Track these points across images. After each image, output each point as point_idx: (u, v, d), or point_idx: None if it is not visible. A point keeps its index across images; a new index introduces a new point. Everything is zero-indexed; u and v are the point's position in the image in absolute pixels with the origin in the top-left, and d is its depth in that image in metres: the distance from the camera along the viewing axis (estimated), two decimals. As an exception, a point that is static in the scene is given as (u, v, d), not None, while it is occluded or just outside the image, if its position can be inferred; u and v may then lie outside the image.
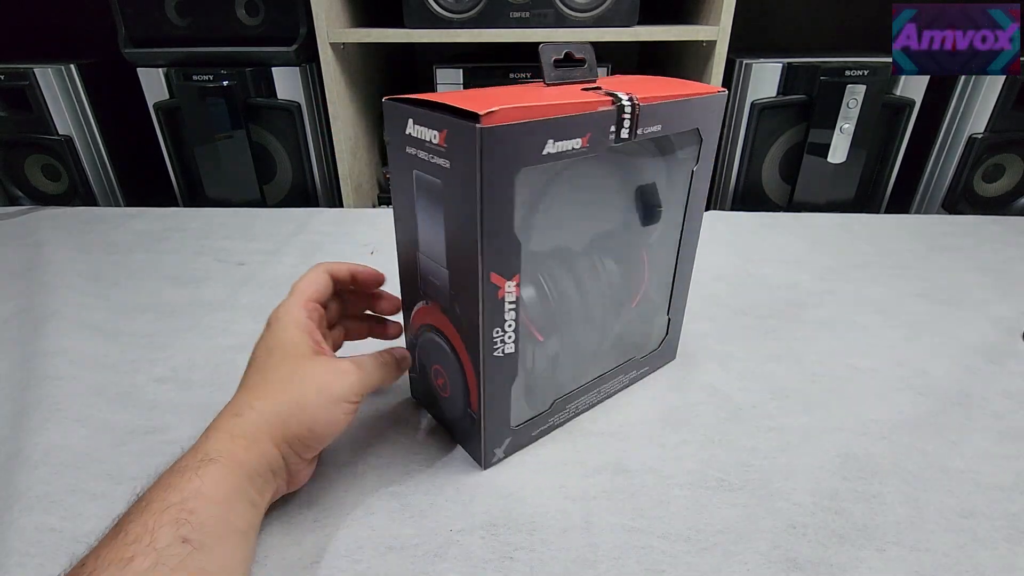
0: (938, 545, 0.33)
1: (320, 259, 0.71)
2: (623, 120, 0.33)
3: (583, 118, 0.31)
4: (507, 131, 0.28)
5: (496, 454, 0.38)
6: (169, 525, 0.26)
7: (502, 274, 0.32)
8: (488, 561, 0.32)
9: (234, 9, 1.06)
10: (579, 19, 0.98)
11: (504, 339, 0.34)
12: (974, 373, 0.48)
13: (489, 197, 0.29)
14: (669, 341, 0.48)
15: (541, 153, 0.30)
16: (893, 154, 1.08)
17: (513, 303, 0.33)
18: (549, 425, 0.41)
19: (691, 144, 0.40)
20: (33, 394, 0.45)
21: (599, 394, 0.44)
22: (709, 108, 0.38)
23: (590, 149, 0.32)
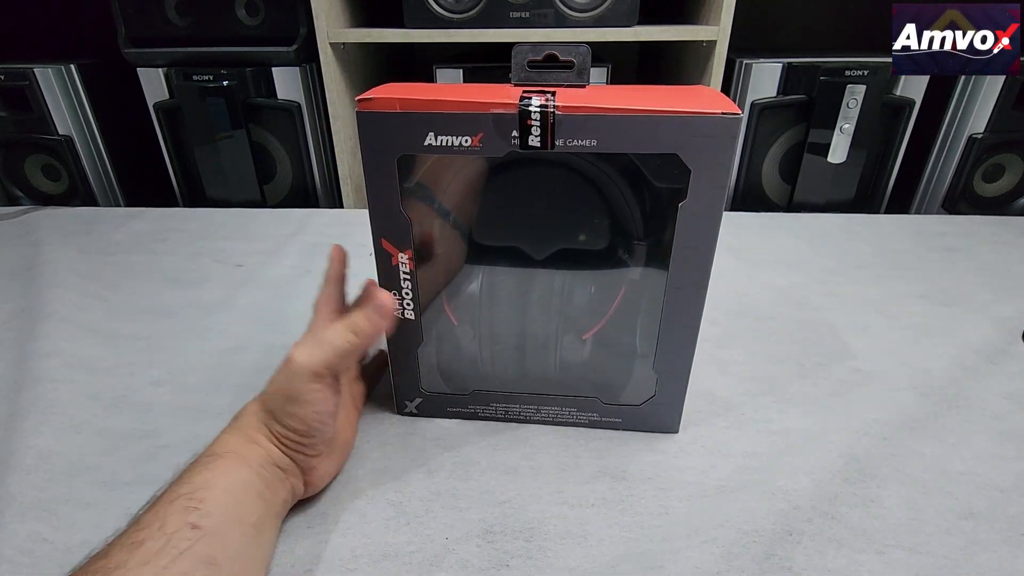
0: (938, 547, 0.33)
1: (320, 260, 0.71)
2: (530, 127, 0.31)
3: (470, 117, 0.31)
4: (381, 118, 0.32)
5: (407, 406, 0.43)
6: (178, 512, 0.27)
7: (393, 244, 0.36)
8: (484, 570, 0.32)
9: (234, 9, 1.05)
10: (579, 19, 0.98)
11: (403, 304, 0.38)
12: (974, 374, 0.48)
13: (371, 173, 0.34)
14: (658, 404, 0.40)
15: (423, 144, 0.32)
16: (893, 154, 1.08)
17: (408, 274, 0.37)
18: (471, 412, 0.43)
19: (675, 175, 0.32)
20: (27, 397, 0.45)
21: (541, 413, 0.42)
22: (698, 131, 0.30)
23: (485, 150, 0.32)
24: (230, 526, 0.28)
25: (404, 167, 0.34)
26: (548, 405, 0.42)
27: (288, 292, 0.63)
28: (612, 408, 0.41)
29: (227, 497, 0.29)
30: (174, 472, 0.31)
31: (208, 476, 0.29)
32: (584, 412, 0.42)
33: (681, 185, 0.32)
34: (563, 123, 0.31)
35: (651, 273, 0.37)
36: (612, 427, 0.42)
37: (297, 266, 0.70)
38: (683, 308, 0.36)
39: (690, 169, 0.32)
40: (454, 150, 0.32)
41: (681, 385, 0.40)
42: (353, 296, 0.40)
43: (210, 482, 0.29)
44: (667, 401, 0.40)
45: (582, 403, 0.41)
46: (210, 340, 0.54)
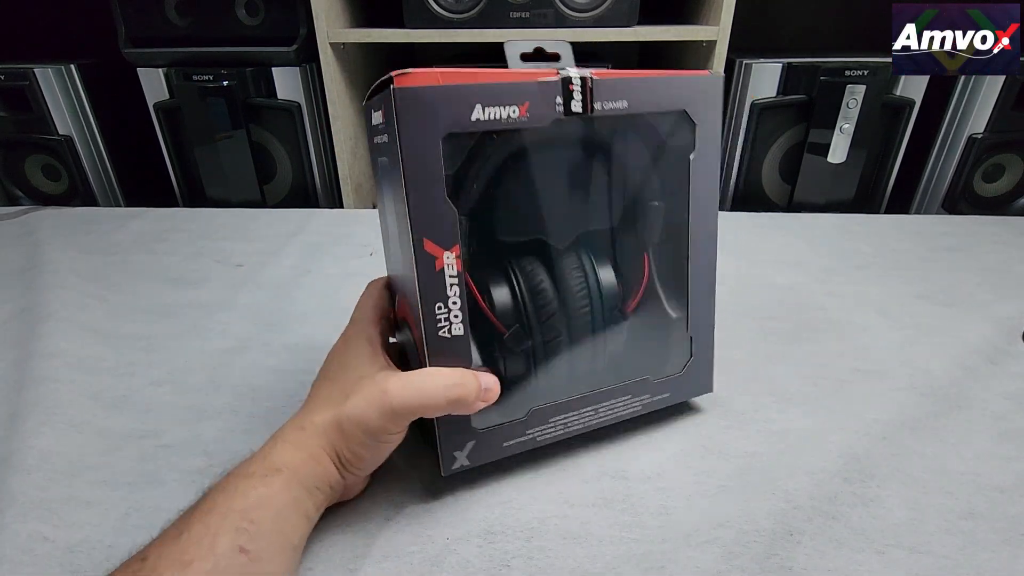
0: (938, 547, 0.33)
1: (320, 260, 0.71)
2: (572, 91, 0.32)
3: (518, 86, 0.30)
4: (423, 92, 0.28)
5: (456, 459, 0.35)
6: (229, 532, 0.26)
7: (438, 243, 0.30)
8: (485, 570, 0.32)
9: (234, 9, 1.05)
10: (579, 19, 0.98)
11: (449, 317, 0.32)
12: (975, 374, 0.48)
13: (411, 158, 0.29)
14: (696, 365, 0.41)
15: (470, 119, 0.30)
16: (893, 154, 1.08)
17: (455, 277, 0.31)
18: (529, 438, 0.37)
19: (685, 131, 0.37)
20: (28, 397, 0.45)
21: (598, 414, 0.39)
22: (697, 89, 0.36)
23: (532, 119, 0.31)
24: (276, 552, 0.28)
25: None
26: (604, 401, 0.39)
27: (288, 292, 0.63)
28: (660, 384, 0.40)
29: (279, 521, 0.28)
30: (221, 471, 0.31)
31: (264, 493, 0.28)
32: (638, 397, 0.40)
33: (690, 141, 0.36)
34: (598, 86, 0.32)
35: (668, 234, 0.40)
36: (662, 404, 0.41)
37: (297, 266, 0.70)
38: (702, 262, 0.39)
39: (695, 123, 0.36)
40: (502, 123, 0.30)
41: (710, 340, 0.41)
42: (354, 298, 0.39)
43: (265, 501, 0.28)
44: (702, 360, 0.42)
45: (634, 387, 0.39)
46: (210, 340, 0.54)
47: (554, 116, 0.32)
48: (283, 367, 0.50)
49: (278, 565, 0.28)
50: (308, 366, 0.49)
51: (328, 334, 0.38)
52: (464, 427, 0.34)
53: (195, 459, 0.40)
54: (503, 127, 0.31)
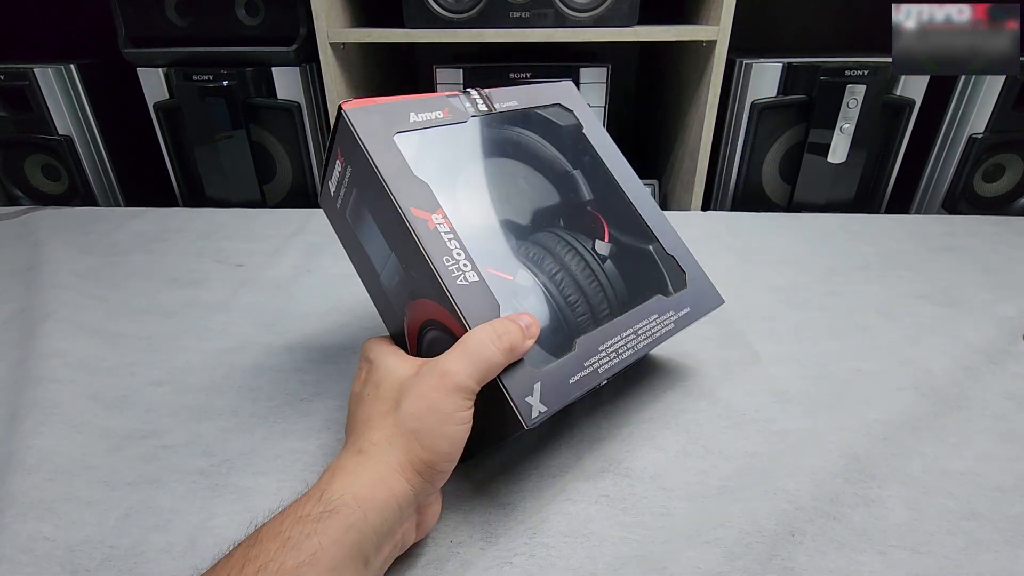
0: (939, 548, 0.33)
1: (320, 260, 0.71)
2: (474, 100, 0.43)
3: (435, 99, 0.41)
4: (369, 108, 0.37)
5: (532, 405, 0.33)
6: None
7: (423, 208, 0.35)
8: (487, 568, 0.32)
9: (234, 9, 1.05)
10: (579, 19, 0.98)
11: (460, 267, 0.35)
12: (975, 374, 0.48)
13: (376, 151, 0.36)
14: (694, 281, 0.45)
15: (409, 121, 0.39)
16: (893, 154, 1.08)
17: (450, 233, 0.35)
18: (590, 370, 0.36)
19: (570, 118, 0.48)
20: (28, 397, 0.45)
21: (639, 337, 0.39)
22: (557, 91, 0.48)
23: (453, 118, 0.41)
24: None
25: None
26: (638, 323, 0.40)
27: (288, 292, 0.63)
28: (677, 301, 0.43)
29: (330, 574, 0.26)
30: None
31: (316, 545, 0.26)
32: (664, 314, 0.42)
33: (576, 121, 0.48)
34: (493, 94, 0.44)
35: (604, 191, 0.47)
36: (689, 320, 0.43)
37: (297, 266, 0.70)
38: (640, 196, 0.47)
39: (571, 109, 0.48)
40: (432, 121, 0.40)
41: (693, 260, 0.47)
42: (354, 298, 0.39)
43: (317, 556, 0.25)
44: (697, 276, 0.46)
45: (656, 306, 0.42)
46: (210, 340, 0.54)
47: (467, 114, 0.42)
48: (283, 367, 0.50)
49: None
50: (308, 366, 0.49)
51: (328, 334, 0.38)
52: (525, 372, 0.33)
53: (195, 459, 0.40)
54: (434, 124, 0.40)
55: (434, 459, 0.30)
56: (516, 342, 0.32)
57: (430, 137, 0.40)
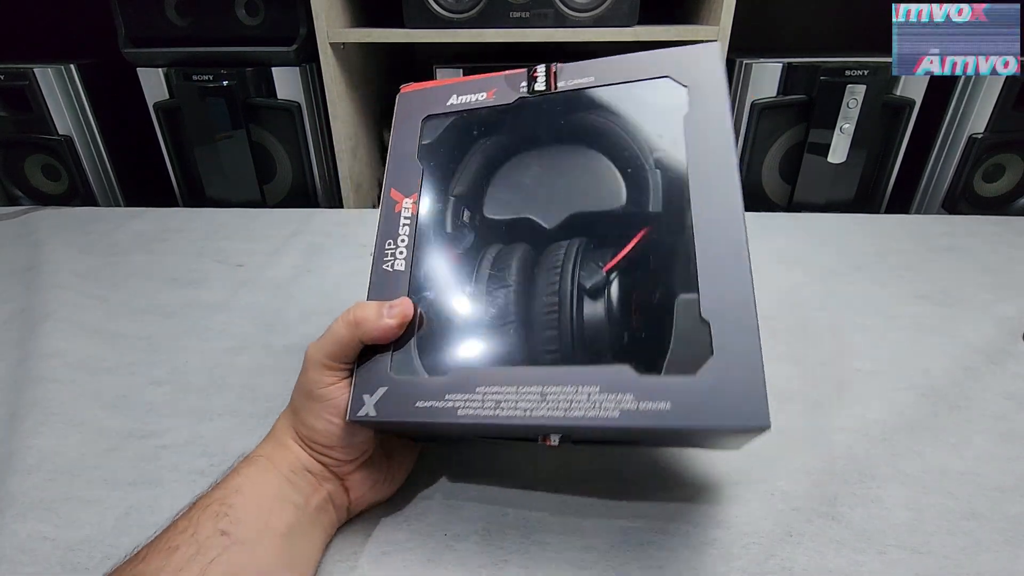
0: (939, 548, 0.33)
1: (320, 260, 0.71)
2: (535, 77, 0.37)
3: (488, 79, 0.38)
4: (415, 92, 0.39)
5: (364, 403, 0.31)
6: (210, 518, 0.27)
7: (400, 191, 0.36)
8: (483, 566, 0.32)
9: (234, 9, 1.05)
10: (579, 19, 0.98)
11: (395, 253, 0.35)
12: (975, 374, 0.48)
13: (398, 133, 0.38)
14: (723, 371, 0.27)
15: (445, 104, 0.38)
16: (893, 154, 1.08)
17: (408, 219, 0.36)
18: (447, 405, 0.30)
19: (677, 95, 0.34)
20: (28, 397, 0.45)
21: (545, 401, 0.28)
22: (682, 57, 0.34)
23: (498, 99, 0.37)
24: (260, 535, 0.28)
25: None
26: (557, 387, 0.29)
27: (288, 292, 0.63)
28: (652, 385, 0.27)
29: (255, 503, 0.29)
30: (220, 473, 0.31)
31: (238, 481, 0.30)
32: (611, 393, 0.28)
33: (681, 102, 0.34)
34: (564, 70, 0.37)
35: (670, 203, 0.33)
36: (660, 419, 0.27)
37: (297, 266, 0.69)
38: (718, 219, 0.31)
39: (685, 85, 0.34)
40: (471, 104, 0.38)
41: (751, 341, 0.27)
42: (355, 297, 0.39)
43: (240, 487, 0.30)
44: (735, 365, 0.27)
45: (606, 377, 0.28)
46: (210, 340, 0.54)
47: (517, 96, 0.37)
48: (283, 367, 0.50)
49: (264, 549, 0.28)
50: (308, 366, 0.49)
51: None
52: (380, 370, 0.31)
53: (195, 459, 0.40)
54: (472, 107, 0.38)
55: (311, 434, 0.32)
56: (364, 316, 0.31)
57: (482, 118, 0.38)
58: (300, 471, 0.32)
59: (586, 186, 0.35)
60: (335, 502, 0.33)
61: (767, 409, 0.26)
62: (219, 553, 0.26)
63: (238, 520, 0.28)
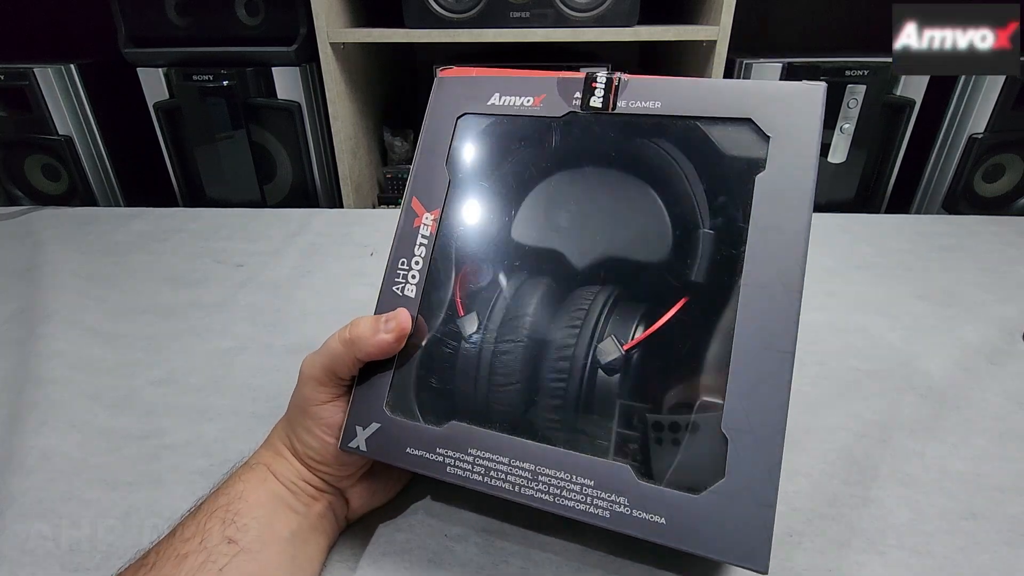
0: (939, 548, 0.33)
1: (320, 260, 0.71)
2: (594, 88, 0.32)
3: (539, 80, 0.33)
4: (454, 80, 0.34)
5: (356, 435, 0.30)
6: (217, 525, 0.28)
7: (423, 203, 0.33)
8: (483, 567, 0.32)
9: (234, 9, 1.05)
10: (579, 19, 0.98)
11: (407, 276, 0.32)
12: (975, 374, 0.48)
13: (430, 127, 0.34)
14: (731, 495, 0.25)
15: (487, 103, 0.33)
16: (893, 154, 1.08)
17: (426, 238, 0.32)
18: (436, 459, 0.29)
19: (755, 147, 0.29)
20: (29, 397, 0.45)
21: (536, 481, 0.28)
22: (775, 94, 0.29)
23: (545, 110, 0.33)
24: (265, 542, 0.28)
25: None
26: (551, 470, 0.28)
27: (288, 292, 0.63)
28: (650, 495, 0.26)
29: (259, 510, 0.29)
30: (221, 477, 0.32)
31: (241, 487, 0.30)
32: (604, 491, 0.27)
33: (758, 156, 0.29)
34: (628, 85, 0.32)
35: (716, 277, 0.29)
36: (648, 533, 0.26)
37: (297, 266, 0.69)
38: (767, 322, 0.27)
39: (768, 135, 0.29)
40: (514, 110, 0.33)
41: (770, 463, 0.25)
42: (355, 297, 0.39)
43: (243, 494, 0.29)
44: (745, 490, 0.25)
45: (604, 475, 0.27)
46: (211, 340, 0.54)
47: (568, 109, 0.32)
48: (283, 367, 0.50)
49: (270, 556, 0.28)
50: (308, 366, 0.49)
51: (328, 334, 0.38)
52: (376, 404, 0.30)
53: (195, 459, 0.40)
54: (515, 114, 0.33)
55: (306, 450, 0.31)
56: (359, 334, 0.30)
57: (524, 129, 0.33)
58: (299, 482, 0.31)
59: (627, 227, 0.32)
60: (335, 511, 0.33)
61: (768, 551, 0.24)
62: (228, 561, 0.26)
63: (244, 527, 0.28)
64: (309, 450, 0.31)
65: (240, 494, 0.29)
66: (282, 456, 0.32)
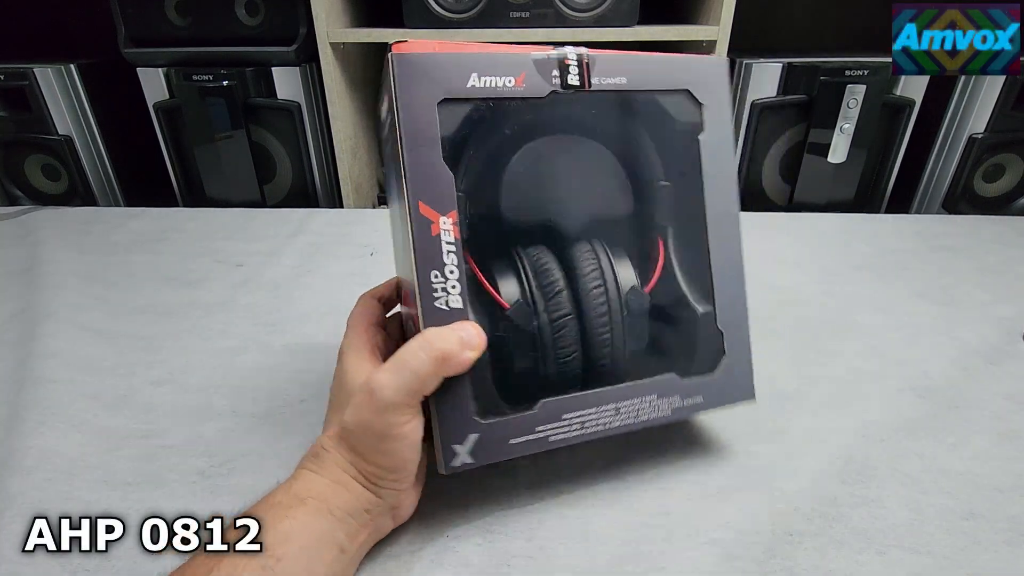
0: (939, 548, 0.33)
1: (320, 260, 0.71)
2: (567, 66, 0.33)
3: (515, 57, 0.31)
4: (421, 59, 0.29)
5: (457, 454, 0.31)
6: (256, 571, 0.26)
7: (434, 207, 0.30)
8: (485, 569, 0.32)
9: (234, 9, 1.05)
10: (579, 19, 0.98)
11: (447, 287, 0.30)
12: (974, 374, 0.48)
13: (408, 121, 0.29)
14: (731, 365, 0.37)
15: (466, 86, 0.31)
16: (893, 154, 1.08)
17: (452, 244, 0.30)
18: (540, 436, 0.33)
19: (693, 112, 0.36)
20: (28, 397, 0.45)
21: (619, 415, 0.35)
22: (701, 70, 0.36)
23: (528, 90, 0.32)
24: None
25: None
26: (627, 400, 0.35)
27: (288, 292, 0.63)
28: (691, 384, 0.36)
29: (307, 556, 0.27)
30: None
31: (289, 527, 0.27)
32: (665, 397, 0.35)
33: (698, 120, 0.36)
34: (597, 62, 0.33)
35: (686, 221, 0.37)
36: (694, 410, 0.36)
37: (297, 266, 0.70)
38: (724, 246, 0.37)
39: (702, 103, 0.36)
40: (498, 91, 0.31)
41: (745, 337, 0.38)
42: (355, 298, 0.39)
43: (291, 535, 0.27)
44: (737, 359, 0.37)
45: (661, 386, 0.35)
46: (210, 340, 0.54)
47: (550, 88, 0.32)
48: (283, 367, 0.50)
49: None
50: (308, 366, 0.49)
51: (328, 334, 0.38)
52: (466, 417, 0.31)
53: (195, 459, 0.40)
54: (499, 95, 0.31)
55: (379, 472, 0.30)
56: (449, 350, 0.29)
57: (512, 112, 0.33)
58: (358, 512, 0.29)
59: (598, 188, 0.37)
60: (380, 532, 0.32)
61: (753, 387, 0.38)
62: None
63: (285, 572, 0.26)
64: (385, 471, 0.30)
65: (287, 535, 0.27)
66: (342, 485, 0.29)
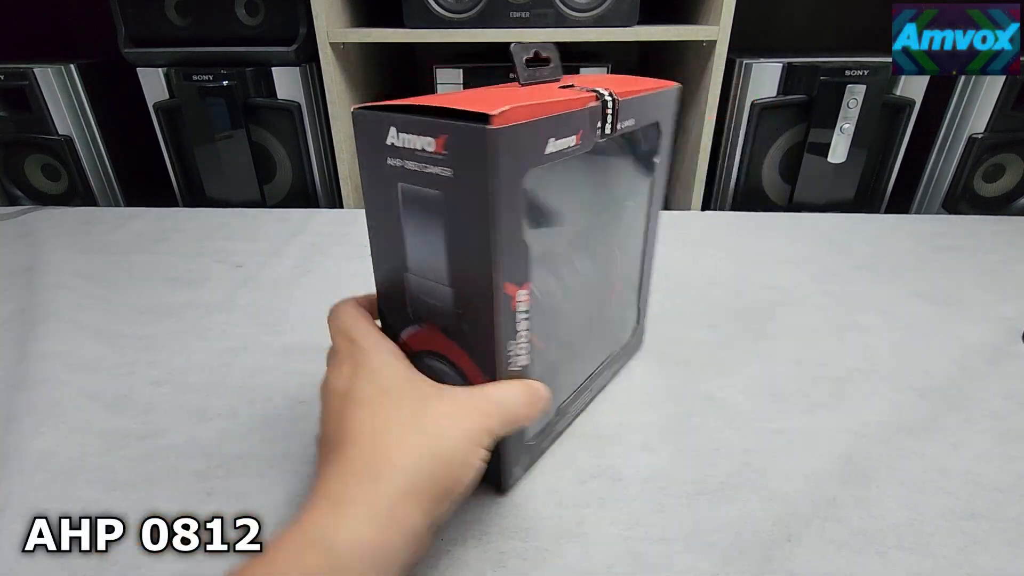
0: (939, 548, 0.33)
1: (320, 260, 0.71)
2: (607, 115, 0.33)
3: (577, 115, 0.31)
4: (515, 131, 0.26)
5: (516, 474, 0.37)
6: None
7: (515, 282, 0.30)
8: (480, 571, 0.32)
9: (234, 9, 1.06)
10: (579, 19, 0.98)
11: (518, 351, 0.32)
12: (974, 374, 0.48)
13: (501, 202, 0.27)
14: (639, 331, 0.49)
15: (544, 153, 0.29)
16: (893, 154, 1.08)
17: (525, 312, 0.31)
18: (556, 433, 0.41)
19: (652, 138, 0.41)
20: (27, 397, 0.45)
21: (591, 392, 0.44)
22: (666, 102, 0.40)
23: (581, 146, 0.32)
24: None
25: None
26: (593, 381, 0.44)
27: (288, 292, 0.63)
28: (621, 352, 0.47)
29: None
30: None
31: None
32: (610, 368, 0.46)
33: (656, 146, 0.41)
34: (621, 107, 0.34)
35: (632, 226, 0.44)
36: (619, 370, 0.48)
37: (297, 266, 0.69)
38: (653, 246, 0.46)
39: (661, 131, 0.40)
40: (563, 153, 0.30)
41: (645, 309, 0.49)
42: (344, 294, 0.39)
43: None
44: (643, 325, 0.50)
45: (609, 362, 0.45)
46: (210, 340, 0.54)
47: (595, 140, 0.33)
48: (283, 367, 0.50)
49: None
50: (308, 366, 0.49)
51: (328, 334, 0.38)
52: (521, 441, 0.36)
53: (195, 460, 0.40)
54: (566, 156, 0.31)
55: (455, 487, 0.27)
56: (522, 414, 0.31)
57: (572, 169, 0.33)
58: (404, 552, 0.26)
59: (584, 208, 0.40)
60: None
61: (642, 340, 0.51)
62: None
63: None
64: (461, 485, 0.28)
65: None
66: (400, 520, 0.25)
